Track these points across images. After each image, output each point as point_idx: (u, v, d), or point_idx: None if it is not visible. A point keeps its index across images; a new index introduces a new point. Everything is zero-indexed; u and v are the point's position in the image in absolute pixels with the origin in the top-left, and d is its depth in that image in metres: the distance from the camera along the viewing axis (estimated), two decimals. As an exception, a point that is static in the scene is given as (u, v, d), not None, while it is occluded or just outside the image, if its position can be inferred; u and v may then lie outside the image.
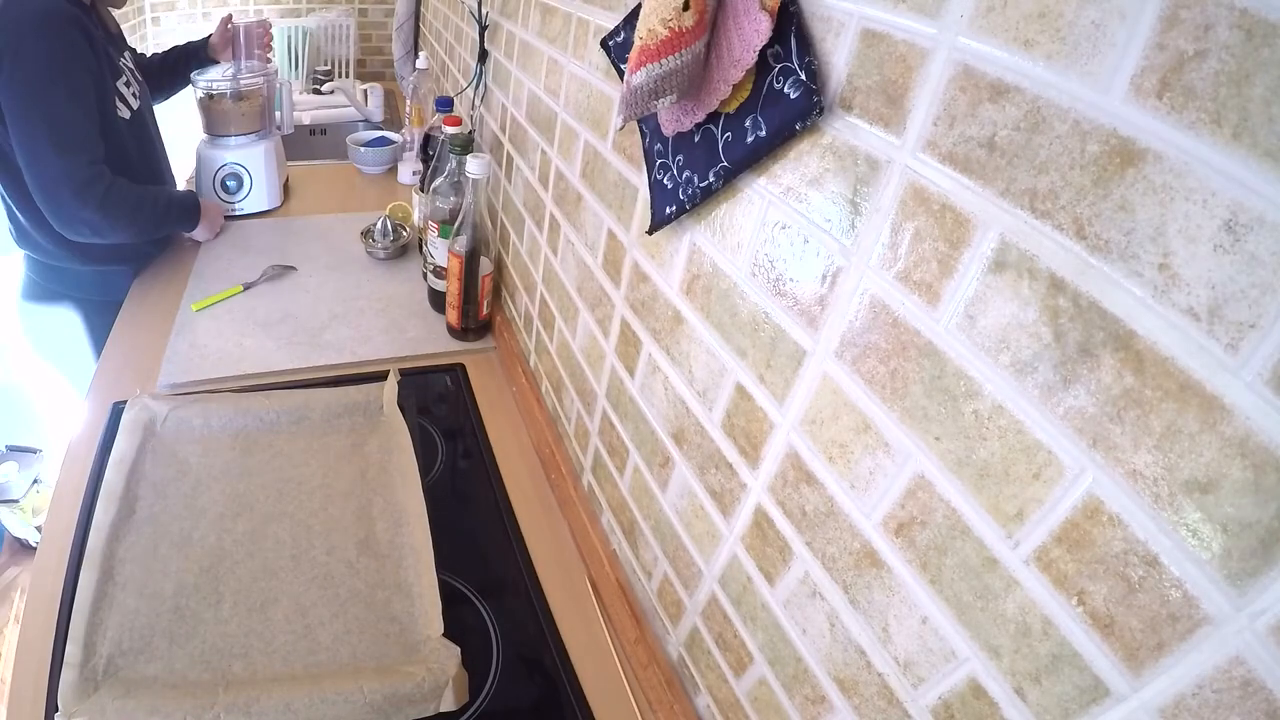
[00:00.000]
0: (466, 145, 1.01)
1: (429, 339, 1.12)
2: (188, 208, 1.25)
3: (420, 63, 1.62)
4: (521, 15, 0.93)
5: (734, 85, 0.43)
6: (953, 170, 0.32)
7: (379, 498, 0.82)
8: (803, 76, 0.39)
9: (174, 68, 1.44)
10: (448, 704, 0.62)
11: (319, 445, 0.88)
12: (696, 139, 0.49)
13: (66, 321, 1.25)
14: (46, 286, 1.23)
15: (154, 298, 1.17)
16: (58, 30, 0.98)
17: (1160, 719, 0.26)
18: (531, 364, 1.02)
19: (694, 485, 0.58)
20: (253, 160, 1.41)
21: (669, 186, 0.54)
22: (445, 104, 1.26)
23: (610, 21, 0.63)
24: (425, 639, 0.66)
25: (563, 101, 0.80)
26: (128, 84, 1.17)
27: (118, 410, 0.89)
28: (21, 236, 1.17)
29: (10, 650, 1.52)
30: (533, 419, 0.97)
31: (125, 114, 1.15)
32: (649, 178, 0.57)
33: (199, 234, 1.30)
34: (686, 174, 0.51)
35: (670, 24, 0.42)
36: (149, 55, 1.43)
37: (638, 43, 0.44)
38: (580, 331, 0.81)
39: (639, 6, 0.47)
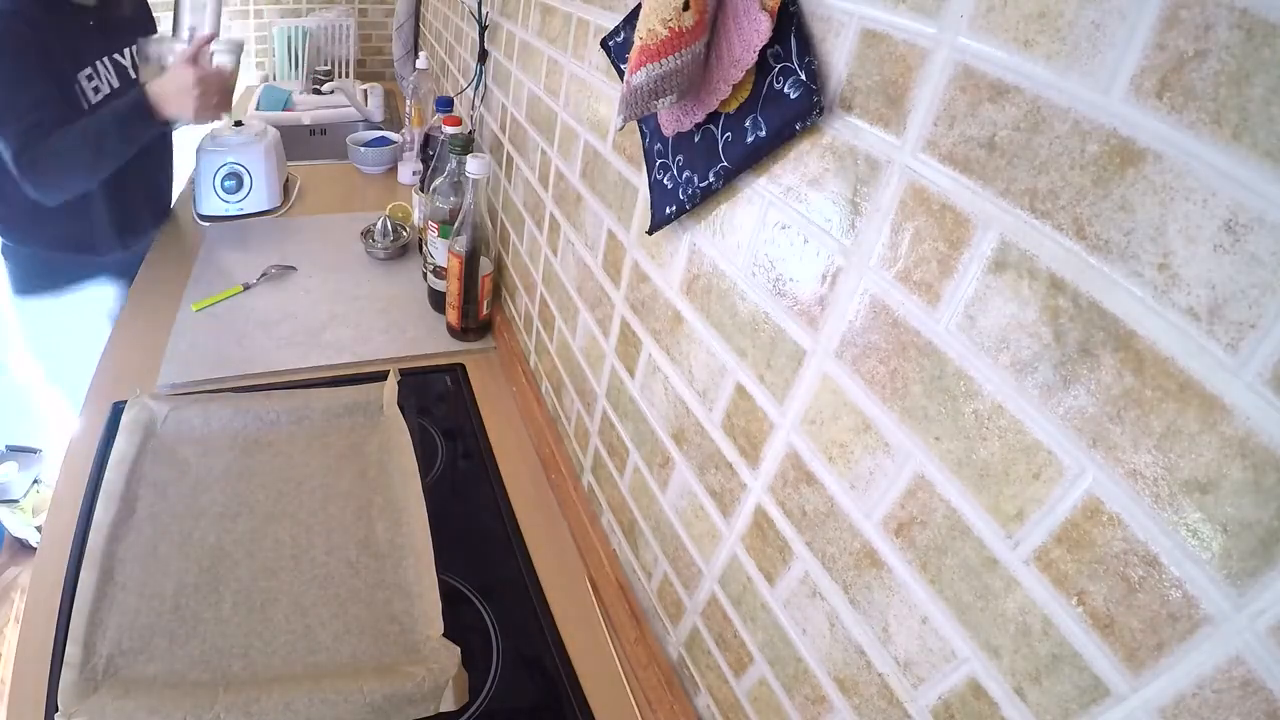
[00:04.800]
0: (466, 145, 1.01)
1: (429, 339, 1.12)
2: (135, 109, 1.06)
3: (420, 63, 1.62)
4: (521, 15, 0.93)
5: (734, 85, 0.43)
6: (953, 170, 0.32)
7: (379, 498, 0.82)
8: (803, 76, 0.39)
9: None
10: (448, 704, 0.62)
11: (319, 445, 0.88)
12: (696, 139, 0.49)
13: (59, 315, 1.26)
14: (33, 280, 1.24)
15: (154, 298, 1.17)
16: None
17: (1160, 719, 0.26)
18: (531, 364, 1.02)
19: (694, 485, 0.58)
20: (253, 160, 1.41)
21: (669, 186, 0.54)
22: (445, 104, 1.26)
23: (610, 21, 0.63)
24: (425, 639, 0.66)
25: (563, 101, 0.80)
26: (90, 77, 1.11)
27: (118, 410, 0.89)
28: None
29: (10, 650, 1.52)
30: (533, 419, 0.97)
31: (91, 102, 1.11)
32: (649, 178, 0.57)
33: (184, 116, 1.08)
34: (686, 174, 0.51)
35: (670, 24, 0.42)
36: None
37: (638, 43, 0.44)
38: (580, 331, 0.81)
39: (639, 6, 0.47)
